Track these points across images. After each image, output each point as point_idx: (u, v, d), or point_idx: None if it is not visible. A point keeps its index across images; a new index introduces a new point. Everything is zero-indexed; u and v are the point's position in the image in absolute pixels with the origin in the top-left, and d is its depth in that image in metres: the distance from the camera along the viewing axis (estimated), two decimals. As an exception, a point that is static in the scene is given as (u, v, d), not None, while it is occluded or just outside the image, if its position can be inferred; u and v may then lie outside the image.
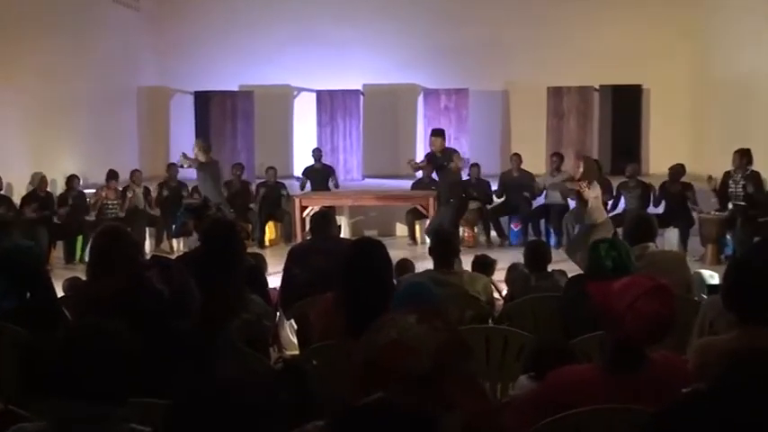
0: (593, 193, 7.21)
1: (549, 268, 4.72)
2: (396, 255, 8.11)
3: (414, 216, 10.03)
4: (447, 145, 8.49)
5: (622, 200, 9.73)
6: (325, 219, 5.23)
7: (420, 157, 12.30)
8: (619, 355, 2.26)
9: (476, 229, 10.29)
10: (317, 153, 11.22)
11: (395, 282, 3.66)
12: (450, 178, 8.15)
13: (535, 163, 11.23)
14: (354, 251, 3.40)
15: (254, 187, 10.85)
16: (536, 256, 4.69)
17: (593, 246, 3.65)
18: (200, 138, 9.37)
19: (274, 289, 5.13)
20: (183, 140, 12.53)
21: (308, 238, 5.65)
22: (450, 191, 8.22)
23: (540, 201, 10.13)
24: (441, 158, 8.12)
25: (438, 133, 8.32)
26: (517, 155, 10.61)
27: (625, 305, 2.21)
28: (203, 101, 13.62)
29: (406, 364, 1.85)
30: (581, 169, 7.26)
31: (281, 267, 5.08)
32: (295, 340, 4.41)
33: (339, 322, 3.20)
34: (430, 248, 4.44)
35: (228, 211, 8.98)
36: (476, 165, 10.74)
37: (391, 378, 1.85)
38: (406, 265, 5.72)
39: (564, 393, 2.27)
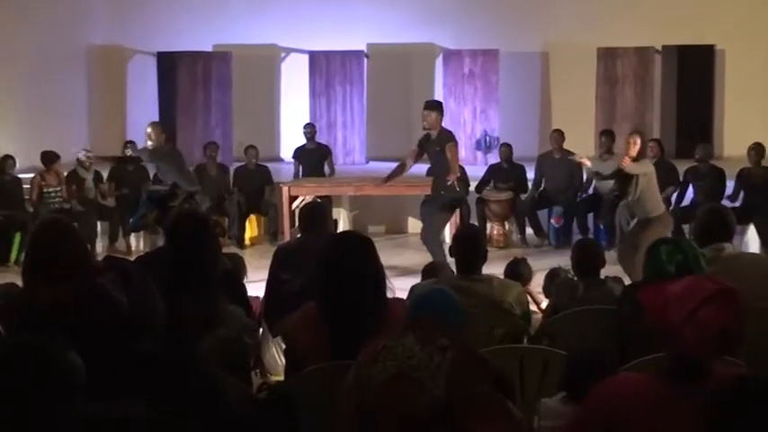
0: (642, 169, 6.95)
1: (602, 274, 4.70)
2: (408, 257, 8.19)
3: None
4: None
5: (690, 189, 9.69)
6: (317, 212, 5.23)
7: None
8: (678, 368, 2.28)
9: (507, 226, 10.27)
10: (309, 130, 11.20)
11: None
12: (442, 168, 7.80)
13: (581, 142, 11.19)
14: (330, 250, 3.41)
15: (231, 172, 10.86)
16: (586, 258, 4.67)
17: (653, 247, 3.62)
18: (154, 122, 9.33)
19: (257, 298, 5.14)
20: (143, 113, 12.55)
21: (298, 235, 5.64)
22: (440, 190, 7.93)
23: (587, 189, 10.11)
24: (434, 142, 7.82)
25: (433, 106, 8.01)
26: (558, 132, 10.58)
27: (684, 315, 2.21)
28: (169, 64, 13.63)
29: (415, 401, 1.84)
30: (638, 146, 7.07)
31: (264, 272, 5.08)
32: (282, 362, 4.41)
33: (323, 339, 3.22)
34: (451, 249, 4.43)
35: (203, 201, 8.93)
36: (506, 145, 10.72)
37: (398, 420, 1.85)
38: (435, 270, 5.71)
39: (616, 408, 2.26)
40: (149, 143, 8.82)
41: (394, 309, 3.39)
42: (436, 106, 8.04)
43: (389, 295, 3.44)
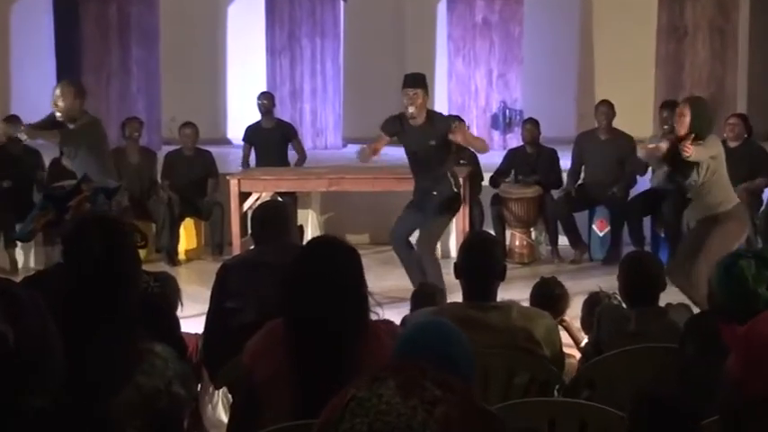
0: (706, 153, 6.93)
1: (662, 300, 4.74)
2: (400, 277, 8.18)
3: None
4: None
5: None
6: (277, 215, 5.25)
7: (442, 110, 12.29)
8: None
9: (533, 233, 10.30)
10: (266, 101, 11.19)
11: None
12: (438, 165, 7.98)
13: (637, 118, 11.25)
14: (299, 259, 3.48)
15: (160, 159, 10.85)
16: (640, 278, 4.70)
17: (729, 265, 3.63)
18: (68, 81, 8.98)
19: (196, 335, 5.16)
20: (33, 76, 12.53)
21: (252, 247, 5.67)
22: (422, 180, 8.08)
23: (643, 184, 10.14)
24: (424, 132, 7.93)
25: (421, 81, 8.03)
26: (606, 104, 10.60)
27: None
28: (70, 8, 13.57)
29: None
30: (687, 118, 7.03)
31: (204, 298, 5.10)
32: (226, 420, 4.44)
33: (290, 370, 3.27)
34: (456, 267, 4.46)
35: (123, 199, 8.83)
36: (532, 121, 10.69)
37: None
38: (427, 293, 5.72)
39: None
40: (58, 114, 8.10)
41: (379, 334, 3.44)
42: (414, 81, 8.02)
43: (374, 317, 3.50)
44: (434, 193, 7.98)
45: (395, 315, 5.00)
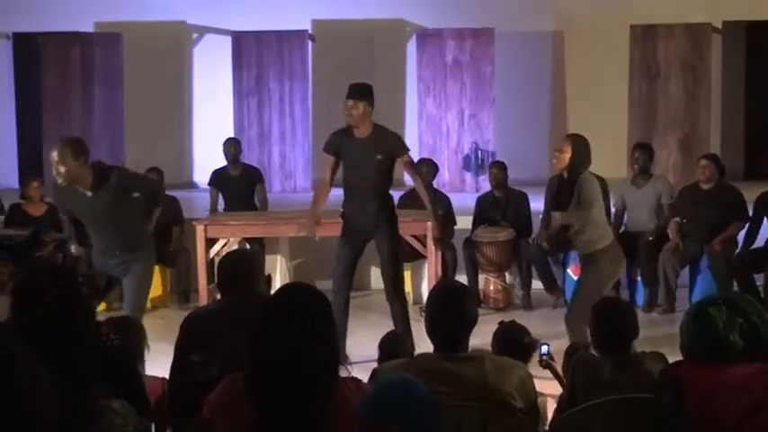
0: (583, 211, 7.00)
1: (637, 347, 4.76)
2: (373, 325, 8.12)
3: (403, 255, 10.00)
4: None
5: (765, 225, 9.74)
6: (244, 264, 5.21)
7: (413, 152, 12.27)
8: None
9: (508, 277, 10.28)
10: (231, 149, 11.05)
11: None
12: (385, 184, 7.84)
13: (610, 158, 11.24)
14: (268, 306, 3.45)
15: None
16: (613, 326, 4.71)
17: (699, 310, 3.62)
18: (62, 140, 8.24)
19: (163, 380, 5.11)
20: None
21: (218, 297, 5.63)
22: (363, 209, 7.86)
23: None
24: (369, 145, 7.70)
25: (361, 94, 7.69)
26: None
27: (737, 411, 2.20)
28: (31, 50, 13.55)
29: None
30: (567, 155, 7.13)
31: (169, 349, 5.05)
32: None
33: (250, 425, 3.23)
34: (426, 317, 4.43)
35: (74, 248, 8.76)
36: (498, 165, 10.61)
37: None
38: (397, 342, 5.69)
39: None
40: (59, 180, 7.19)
41: (347, 394, 3.40)
42: (366, 93, 7.73)
43: (343, 373, 3.46)
44: (381, 214, 7.79)
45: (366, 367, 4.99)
